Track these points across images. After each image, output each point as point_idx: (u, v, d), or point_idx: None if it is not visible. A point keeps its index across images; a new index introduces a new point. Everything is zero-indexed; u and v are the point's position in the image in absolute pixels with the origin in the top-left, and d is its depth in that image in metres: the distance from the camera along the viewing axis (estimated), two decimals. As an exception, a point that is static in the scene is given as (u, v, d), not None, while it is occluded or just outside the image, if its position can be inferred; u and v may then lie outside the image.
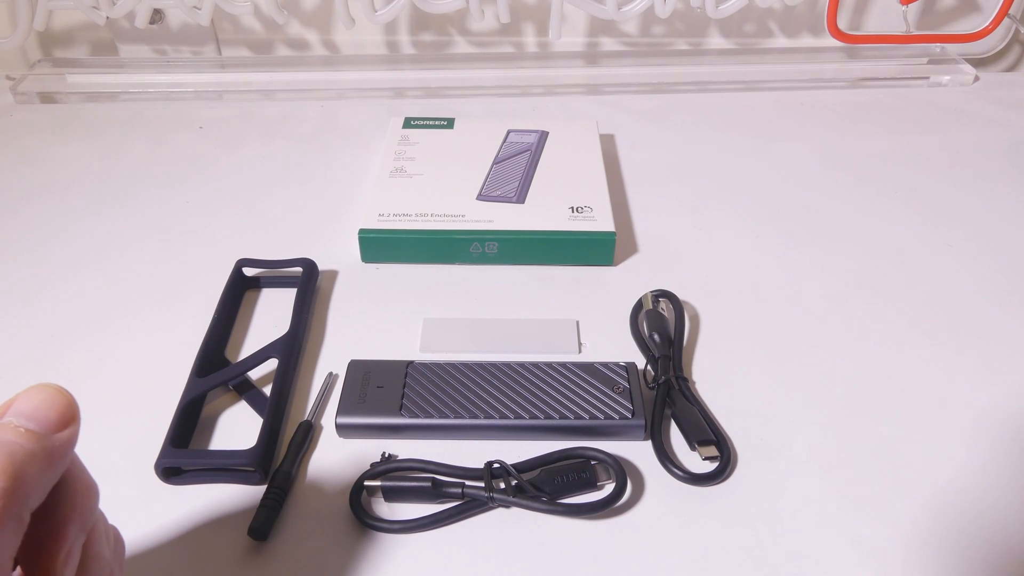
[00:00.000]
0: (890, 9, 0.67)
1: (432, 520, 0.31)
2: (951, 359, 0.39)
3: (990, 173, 0.54)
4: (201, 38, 0.67)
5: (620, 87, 0.65)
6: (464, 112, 0.60)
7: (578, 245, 0.44)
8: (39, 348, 0.39)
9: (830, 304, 0.42)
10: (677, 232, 0.48)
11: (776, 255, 0.46)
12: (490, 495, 0.31)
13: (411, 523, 0.31)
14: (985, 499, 0.32)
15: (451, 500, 0.31)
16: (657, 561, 0.30)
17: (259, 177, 0.53)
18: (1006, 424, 0.35)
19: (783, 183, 0.53)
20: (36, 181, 0.52)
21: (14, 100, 0.62)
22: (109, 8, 0.59)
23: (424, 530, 0.31)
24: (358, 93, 0.64)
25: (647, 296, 0.41)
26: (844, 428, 0.35)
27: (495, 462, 0.32)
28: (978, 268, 0.45)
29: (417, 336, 0.40)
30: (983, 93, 0.65)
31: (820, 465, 0.33)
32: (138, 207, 0.50)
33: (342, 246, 0.45)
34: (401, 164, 0.49)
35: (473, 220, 0.44)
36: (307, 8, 0.66)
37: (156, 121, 0.60)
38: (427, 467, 0.32)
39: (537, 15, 0.67)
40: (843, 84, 0.66)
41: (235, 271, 0.42)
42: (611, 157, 0.55)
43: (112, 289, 0.43)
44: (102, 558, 0.23)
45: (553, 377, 0.35)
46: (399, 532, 0.31)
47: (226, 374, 0.36)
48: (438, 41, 0.69)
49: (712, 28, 0.69)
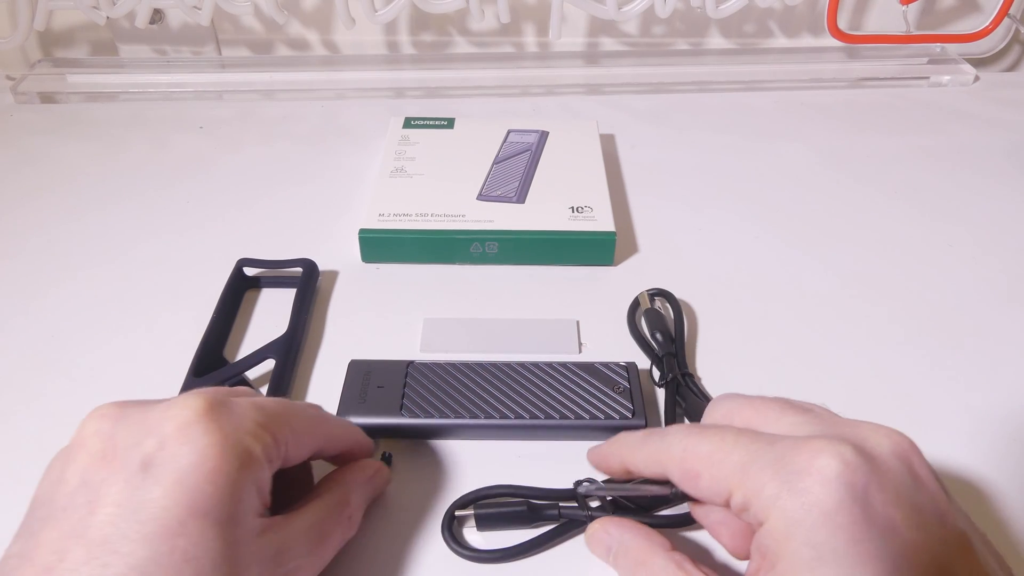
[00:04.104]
0: (890, 9, 0.67)
1: (533, 545, 0.30)
2: (951, 359, 0.39)
3: (990, 173, 0.54)
4: (201, 38, 0.67)
5: (620, 87, 0.65)
6: (464, 112, 0.60)
7: (578, 245, 0.44)
8: (39, 348, 0.39)
9: (830, 304, 0.42)
10: (677, 232, 0.48)
11: (776, 255, 0.46)
12: (588, 514, 0.30)
13: (511, 550, 0.29)
14: (985, 499, 0.32)
15: (547, 523, 0.30)
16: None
17: (259, 177, 0.53)
18: (1005, 424, 0.35)
19: (783, 183, 0.53)
20: (36, 181, 0.52)
21: (14, 100, 0.62)
22: (109, 8, 0.59)
23: (526, 556, 0.30)
24: (358, 93, 0.64)
25: (643, 295, 0.41)
26: (844, 428, 0.35)
27: (584, 480, 0.30)
28: (978, 268, 0.45)
29: (417, 336, 0.40)
30: (983, 93, 0.65)
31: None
32: (138, 207, 0.50)
33: (342, 246, 0.45)
34: (401, 164, 0.49)
35: (473, 220, 0.44)
36: (307, 8, 0.66)
37: (156, 121, 0.60)
38: (511, 491, 0.31)
39: (537, 15, 0.67)
40: (843, 84, 0.66)
41: (235, 271, 0.42)
42: (611, 157, 0.55)
43: (112, 289, 0.43)
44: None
45: (553, 377, 0.35)
46: (499, 561, 0.29)
47: (223, 374, 0.36)
48: (438, 41, 0.69)
49: (712, 28, 0.69)
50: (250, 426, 0.24)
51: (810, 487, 0.20)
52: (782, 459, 0.21)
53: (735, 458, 0.22)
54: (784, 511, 0.20)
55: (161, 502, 0.21)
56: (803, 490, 0.20)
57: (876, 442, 0.21)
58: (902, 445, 0.21)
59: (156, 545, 0.21)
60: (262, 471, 0.24)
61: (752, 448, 0.22)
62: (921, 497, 0.21)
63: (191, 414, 0.23)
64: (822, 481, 0.20)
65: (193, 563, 0.21)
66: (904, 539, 0.20)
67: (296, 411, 0.27)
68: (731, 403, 0.26)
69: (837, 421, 0.23)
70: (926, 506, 0.21)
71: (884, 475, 0.20)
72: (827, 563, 0.19)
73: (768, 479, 0.21)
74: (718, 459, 0.23)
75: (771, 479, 0.21)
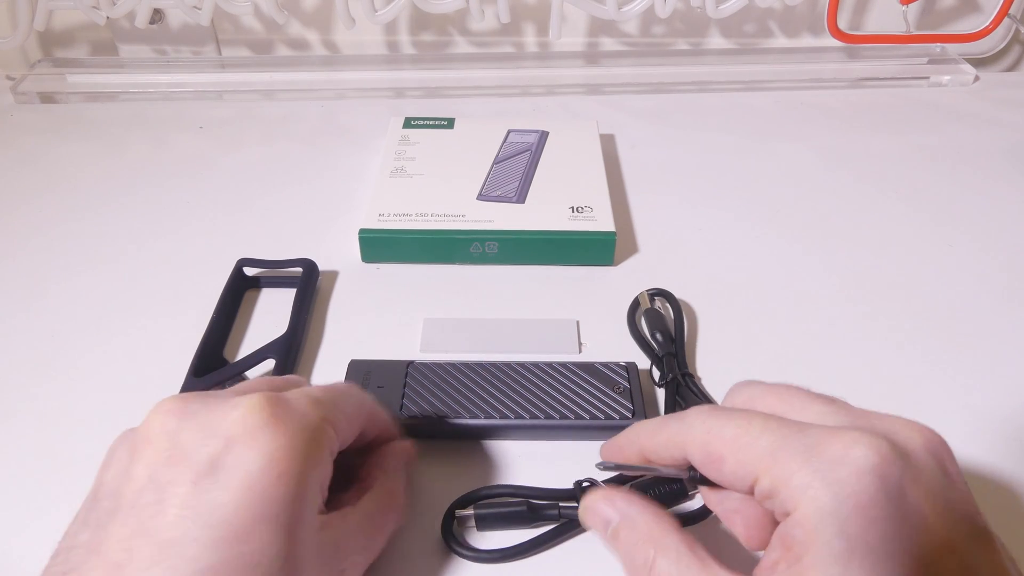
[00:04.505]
0: (890, 9, 0.67)
1: (532, 545, 0.30)
2: (951, 359, 0.39)
3: (990, 173, 0.54)
4: (201, 38, 0.67)
5: (620, 87, 0.65)
6: (464, 112, 0.60)
7: (578, 245, 0.44)
8: (39, 348, 0.39)
9: (830, 304, 0.42)
10: (677, 232, 0.48)
11: (777, 255, 0.46)
12: None
13: (511, 550, 0.29)
14: (985, 499, 0.32)
15: (546, 523, 0.30)
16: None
17: (259, 177, 0.53)
18: (1005, 424, 0.35)
19: (783, 183, 0.53)
20: (36, 181, 0.52)
21: (14, 100, 0.62)
22: (109, 8, 0.59)
23: (526, 556, 0.30)
24: (358, 93, 0.64)
25: (643, 295, 0.41)
26: (844, 428, 0.35)
27: (584, 481, 0.30)
28: (978, 268, 0.45)
29: (417, 336, 0.40)
30: (983, 93, 0.65)
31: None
32: (138, 207, 0.50)
33: (342, 246, 0.45)
34: (401, 164, 0.49)
35: (473, 220, 0.44)
36: (307, 8, 0.66)
37: (156, 121, 0.60)
38: (511, 491, 0.31)
39: (537, 15, 0.67)
40: (843, 84, 0.66)
41: (235, 271, 0.42)
42: (611, 157, 0.55)
43: (112, 289, 0.43)
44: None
45: (553, 377, 0.35)
46: (499, 561, 0.29)
47: (223, 374, 0.36)
48: (438, 41, 0.69)
49: (712, 28, 0.69)
50: (313, 422, 0.24)
51: (845, 478, 0.19)
52: (814, 448, 0.20)
53: (764, 443, 0.21)
54: (816, 501, 0.19)
55: (229, 507, 0.21)
56: (837, 481, 0.19)
57: (908, 436, 0.21)
58: (934, 441, 0.21)
59: (223, 550, 0.21)
60: (326, 467, 0.24)
61: (781, 434, 0.21)
62: (952, 494, 0.20)
63: (257, 417, 0.23)
64: (857, 473, 0.19)
65: (258, 569, 0.21)
66: (934, 536, 0.19)
67: (345, 395, 0.27)
68: (753, 389, 0.25)
69: (865, 413, 0.23)
70: (957, 504, 0.20)
71: (917, 470, 0.20)
72: (858, 556, 0.19)
73: (799, 466, 0.20)
74: (745, 443, 0.22)
75: (802, 467, 0.20)
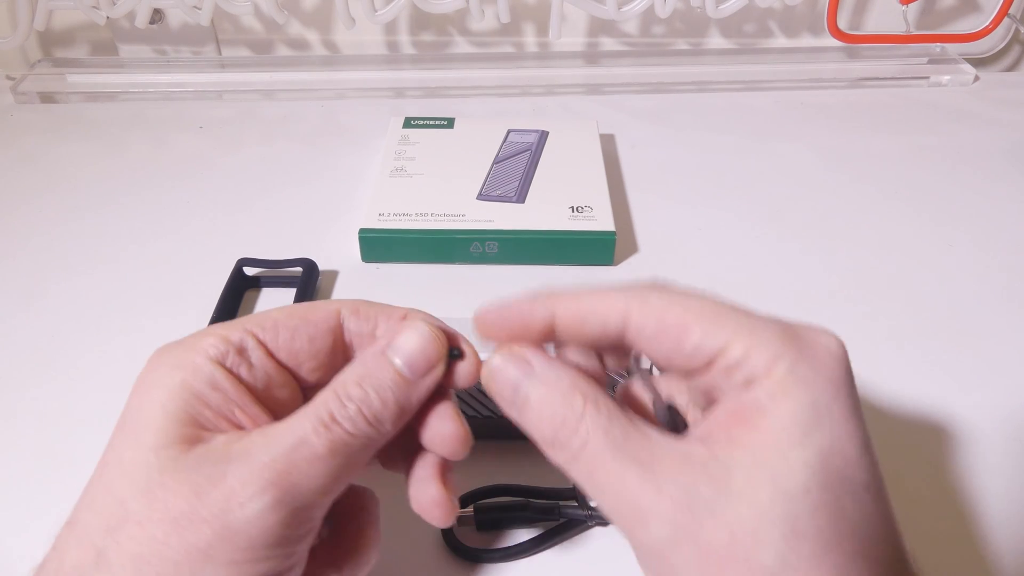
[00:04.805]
0: (890, 9, 0.67)
1: (532, 545, 0.30)
2: (951, 358, 0.39)
3: (990, 173, 0.54)
4: (201, 38, 0.67)
5: (620, 87, 0.65)
6: (464, 112, 0.60)
7: (578, 245, 0.44)
8: (39, 348, 0.39)
9: (830, 303, 0.42)
10: (677, 232, 0.48)
11: (776, 255, 0.46)
12: (588, 513, 0.30)
13: (511, 550, 0.29)
14: (984, 498, 0.32)
15: (547, 523, 0.30)
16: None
17: (259, 177, 0.53)
18: (1005, 424, 0.35)
19: (783, 183, 0.53)
20: (36, 181, 0.52)
21: (14, 100, 0.62)
22: (109, 8, 0.59)
23: (526, 556, 0.30)
24: (358, 93, 0.64)
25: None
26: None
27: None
28: (978, 268, 0.45)
29: (417, 336, 0.40)
30: (983, 93, 0.65)
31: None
32: (138, 207, 0.50)
33: (342, 246, 0.45)
34: (401, 164, 0.49)
35: (473, 220, 0.44)
36: (307, 8, 0.66)
37: (156, 121, 0.60)
38: (511, 491, 0.31)
39: (537, 15, 0.67)
40: (843, 84, 0.66)
41: (235, 271, 0.42)
42: (611, 157, 0.55)
43: (112, 289, 0.43)
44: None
45: (553, 377, 0.35)
46: (499, 561, 0.29)
47: (226, 374, 0.36)
48: (438, 41, 0.69)
49: (712, 28, 0.69)
50: (184, 341, 0.24)
51: (821, 356, 0.21)
52: (788, 328, 0.21)
53: (739, 316, 0.22)
54: (794, 370, 0.20)
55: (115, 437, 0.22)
56: (814, 356, 0.21)
57: (832, 339, 0.22)
58: (843, 345, 0.22)
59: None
60: (198, 372, 0.22)
61: (752, 315, 0.22)
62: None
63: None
64: (830, 355, 0.21)
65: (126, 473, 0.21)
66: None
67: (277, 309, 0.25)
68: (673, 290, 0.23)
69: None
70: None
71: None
72: (824, 424, 0.19)
73: (775, 338, 0.21)
74: (719, 313, 0.22)
75: (778, 337, 0.21)
